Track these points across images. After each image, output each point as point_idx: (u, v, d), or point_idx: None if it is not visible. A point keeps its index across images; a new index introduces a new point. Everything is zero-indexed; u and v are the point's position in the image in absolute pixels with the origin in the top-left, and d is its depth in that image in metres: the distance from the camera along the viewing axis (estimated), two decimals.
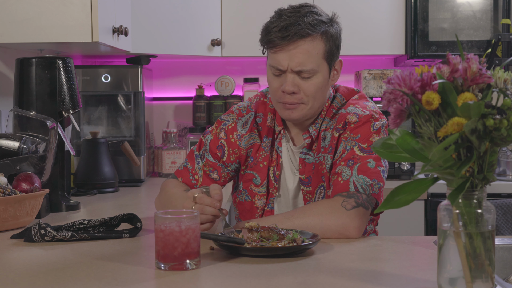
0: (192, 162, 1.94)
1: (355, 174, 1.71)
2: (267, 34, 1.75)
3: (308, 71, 1.73)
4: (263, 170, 1.88)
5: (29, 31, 2.27)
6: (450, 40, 3.30)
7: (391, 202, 1.11)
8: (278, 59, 1.74)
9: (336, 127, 1.81)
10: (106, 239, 1.66)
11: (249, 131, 1.90)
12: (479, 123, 1.03)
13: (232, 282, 1.28)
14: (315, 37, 1.73)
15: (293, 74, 1.74)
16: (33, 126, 2.15)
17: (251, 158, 1.89)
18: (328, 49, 1.76)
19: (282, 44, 1.72)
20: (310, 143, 1.84)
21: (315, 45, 1.73)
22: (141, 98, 3.03)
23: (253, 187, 1.89)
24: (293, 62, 1.72)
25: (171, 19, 3.13)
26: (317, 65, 1.74)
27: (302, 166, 1.84)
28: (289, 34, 1.70)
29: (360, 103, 1.85)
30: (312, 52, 1.73)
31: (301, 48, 1.72)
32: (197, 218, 1.39)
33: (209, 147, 1.92)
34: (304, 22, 1.72)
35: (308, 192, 1.85)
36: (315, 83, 1.75)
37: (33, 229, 1.64)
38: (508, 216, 2.79)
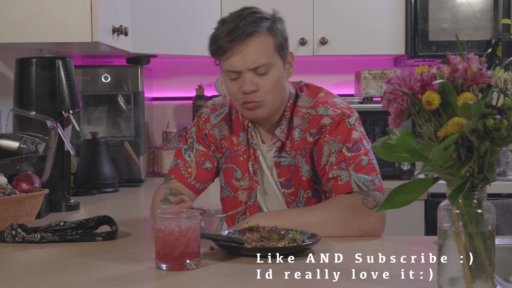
0: (182, 157, 1.96)
1: (353, 174, 1.74)
2: (215, 42, 1.79)
3: (264, 65, 1.76)
4: (243, 163, 1.91)
5: (29, 31, 2.27)
6: (450, 40, 3.30)
7: (391, 202, 1.11)
8: (232, 62, 1.76)
9: (310, 132, 1.83)
10: (77, 242, 1.65)
11: (220, 122, 1.94)
12: (479, 123, 1.03)
13: (232, 282, 1.28)
14: (261, 33, 1.76)
15: (249, 72, 1.76)
16: (33, 126, 2.14)
17: (228, 150, 1.93)
18: (278, 42, 1.80)
19: (232, 47, 1.75)
20: (281, 146, 1.87)
21: (264, 40, 1.77)
22: (141, 98, 3.03)
23: (235, 182, 1.92)
24: (248, 61, 1.75)
25: (171, 19, 3.13)
26: (271, 58, 1.77)
27: (280, 170, 1.88)
28: (236, 35, 1.74)
29: (328, 101, 1.86)
30: (262, 47, 1.76)
31: (251, 46, 1.75)
32: (197, 218, 1.39)
33: (196, 137, 1.96)
34: (248, 22, 1.75)
35: (290, 194, 1.88)
36: (272, 78, 1.78)
37: (6, 230, 1.65)
38: (508, 216, 2.79)
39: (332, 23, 3.36)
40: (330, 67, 3.73)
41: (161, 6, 3.09)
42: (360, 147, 1.78)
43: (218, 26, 1.81)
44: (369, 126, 3.27)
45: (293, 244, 1.48)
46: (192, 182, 1.93)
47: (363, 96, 3.37)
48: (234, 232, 1.59)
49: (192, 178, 1.93)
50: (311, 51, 3.37)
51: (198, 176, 1.93)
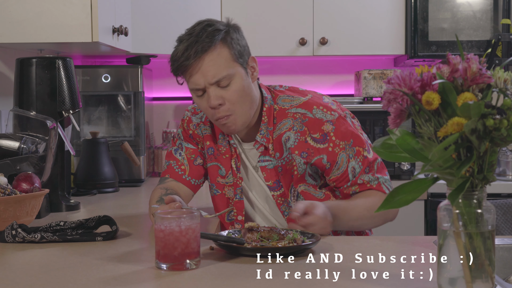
0: (173, 158, 2.00)
1: (380, 177, 1.88)
2: (174, 63, 1.81)
3: (224, 77, 1.77)
4: (226, 161, 1.94)
5: (29, 31, 2.27)
6: (450, 40, 3.30)
7: (391, 202, 1.11)
8: (194, 81, 1.78)
9: (313, 136, 1.85)
10: (77, 242, 1.65)
11: (203, 122, 1.98)
12: (479, 123, 1.03)
13: (232, 282, 1.28)
14: (216, 46, 1.77)
15: (212, 87, 1.77)
16: (33, 126, 2.14)
17: (211, 149, 1.96)
18: (234, 51, 1.79)
19: (189, 65, 1.76)
20: (265, 150, 1.89)
21: (220, 53, 1.77)
22: (141, 98, 3.03)
23: (220, 179, 1.95)
24: (208, 77, 1.76)
25: (171, 19, 3.13)
26: (231, 69, 1.78)
27: (266, 173, 1.90)
28: (190, 53, 1.75)
29: (321, 103, 1.88)
30: (219, 60, 1.77)
31: (208, 61, 1.76)
32: (197, 218, 1.39)
33: (183, 137, 2.01)
34: (201, 38, 1.76)
35: (280, 195, 1.90)
36: (236, 88, 1.79)
37: (6, 230, 1.65)
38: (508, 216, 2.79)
39: (332, 23, 3.36)
40: (330, 67, 3.73)
41: (161, 6, 3.09)
42: (370, 149, 1.89)
43: (176, 46, 1.82)
44: (369, 126, 3.27)
45: (293, 244, 1.48)
46: (187, 178, 1.96)
47: (363, 96, 3.37)
48: (234, 232, 1.59)
49: (187, 175, 1.96)
50: (311, 51, 3.37)
51: (192, 172, 1.97)
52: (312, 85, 3.72)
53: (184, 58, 1.76)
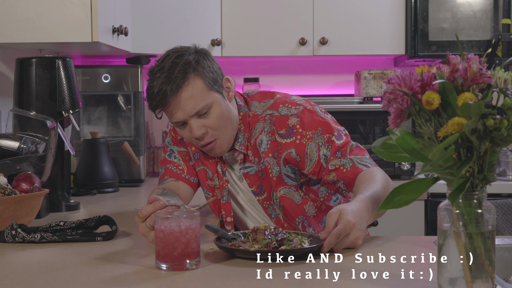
0: (168, 162, 2.00)
1: (354, 158, 1.81)
2: (150, 101, 1.82)
3: (203, 108, 1.79)
4: (212, 164, 1.95)
5: (29, 31, 2.27)
6: (450, 40, 3.30)
7: (391, 202, 1.11)
8: (173, 115, 1.81)
9: (279, 133, 1.85)
10: (77, 242, 1.65)
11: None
12: (479, 123, 1.03)
13: (232, 282, 1.28)
14: (189, 80, 1.77)
15: (193, 118, 1.79)
16: (33, 126, 2.14)
17: (197, 154, 1.97)
18: (208, 80, 1.80)
19: (167, 102, 1.78)
20: (245, 157, 1.91)
21: (194, 86, 1.78)
22: (141, 98, 3.03)
23: (209, 182, 1.97)
24: (186, 111, 1.78)
25: (171, 19, 3.13)
26: (208, 98, 1.79)
27: (249, 179, 1.91)
28: (166, 93, 1.76)
29: (287, 100, 1.90)
30: (195, 93, 1.78)
31: (184, 97, 1.77)
32: (197, 218, 1.39)
33: (173, 142, 2.02)
34: (173, 75, 1.76)
35: (264, 199, 1.92)
36: (216, 115, 1.81)
37: (6, 230, 1.65)
38: (508, 216, 2.79)
39: (332, 23, 3.36)
40: (330, 67, 3.73)
41: (161, 6, 3.09)
42: (342, 134, 1.86)
43: (149, 81, 1.82)
44: (369, 126, 3.27)
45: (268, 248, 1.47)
46: (187, 176, 1.97)
47: (363, 96, 3.37)
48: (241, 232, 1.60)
49: (186, 173, 1.97)
50: (311, 51, 3.37)
51: (190, 171, 1.98)
52: (312, 85, 3.72)
53: (160, 98, 1.77)
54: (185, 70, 1.77)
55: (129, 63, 3.14)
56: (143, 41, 3.00)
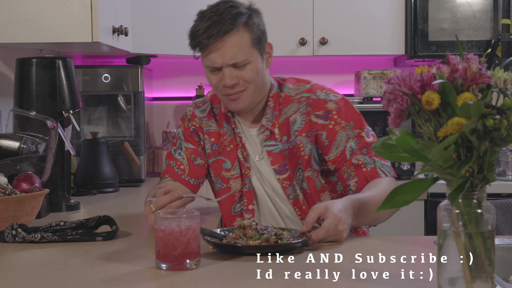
0: (173, 158, 2.01)
1: (378, 160, 1.86)
2: (194, 38, 1.84)
3: (242, 61, 1.82)
4: (230, 153, 1.96)
5: (29, 31, 2.27)
6: (450, 40, 3.30)
7: (391, 202, 1.11)
8: (212, 59, 1.82)
9: (316, 113, 1.90)
10: (77, 242, 1.65)
11: (207, 117, 2.00)
12: (479, 123, 1.03)
13: (232, 282, 1.28)
14: (238, 29, 1.81)
15: (229, 67, 1.82)
16: (33, 126, 2.14)
17: (215, 145, 1.97)
18: (254, 36, 1.84)
19: (210, 44, 1.80)
20: (271, 135, 1.92)
21: (241, 36, 1.81)
22: (141, 98, 3.03)
23: (225, 173, 1.96)
24: (226, 58, 1.81)
25: (171, 19, 3.13)
26: (248, 54, 1.83)
27: (272, 157, 1.92)
28: (213, 33, 1.79)
29: (324, 87, 1.97)
30: (240, 44, 1.81)
31: (229, 43, 1.80)
32: (197, 218, 1.39)
33: (184, 137, 2.01)
34: (224, 19, 1.79)
35: (285, 179, 1.92)
36: (251, 69, 1.84)
37: (6, 230, 1.65)
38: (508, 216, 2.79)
39: (332, 23, 3.36)
40: (330, 67, 3.73)
41: (161, 6, 3.09)
42: (370, 134, 1.91)
43: (197, 20, 1.84)
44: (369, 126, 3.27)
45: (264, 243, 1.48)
46: (186, 178, 1.96)
47: (363, 96, 3.37)
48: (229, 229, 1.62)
49: (186, 174, 1.97)
50: (311, 51, 3.37)
51: (191, 172, 1.97)
52: None
53: (206, 36, 1.79)
54: (236, 18, 1.80)
55: (129, 63, 3.14)
56: (143, 41, 3.00)
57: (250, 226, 1.55)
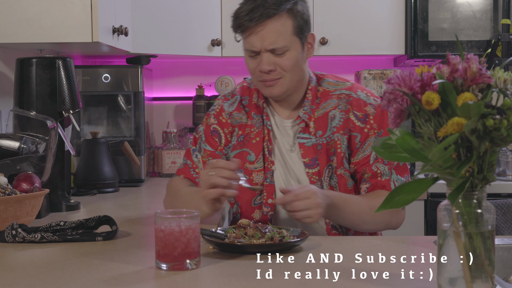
0: (190, 158, 2.01)
1: (394, 174, 1.87)
2: (236, 19, 1.84)
3: (281, 48, 1.81)
4: (256, 145, 1.95)
5: (29, 31, 2.27)
6: (450, 40, 3.30)
7: (391, 202, 1.11)
8: (251, 42, 1.82)
9: (355, 113, 1.90)
10: (77, 242, 1.65)
11: (236, 110, 1.99)
12: (479, 123, 1.03)
13: (232, 282, 1.28)
14: (281, 15, 1.80)
15: (267, 53, 1.82)
16: (33, 126, 2.14)
17: (242, 136, 1.97)
18: (297, 24, 1.83)
19: (251, 26, 1.80)
20: (305, 127, 1.91)
21: (283, 22, 1.80)
22: (141, 98, 3.03)
23: (248, 165, 1.95)
24: (265, 42, 1.80)
25: (171, 19, 3.13)
26: (289, 41, 1.82)
27: (304, 150, 1.91)
28: (255, 16, 1.79)
29: (365, 88, 1.97)
30: (281, 30, 1.80)
31: (270, 28, 1.80)
32: (197, 218, 1.39)
33: (204, 136, 2.01)
34: (268, 3, 1.79)
35: (315, 173, 1.90)
36: (290, 58, 1.83)
37: (6, 230, 1.65)
38: (508, 216, 2.79)
39: (332, 23, 3.36)
40: (330, 67, 3.73)
41: (161, 6, 3.09)
42: None
43: (242, 3, 1.84)
44: None
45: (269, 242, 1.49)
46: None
47: None
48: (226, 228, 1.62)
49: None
50: None
51: None
52: None
53: (248, 18, 1.79)
54: (281, 4, 1.80)
55: (129, 63, 3.14)
56: (143, 41, 3.00)
57: (249, 225, 1.55)
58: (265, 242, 1.49)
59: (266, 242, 1.49)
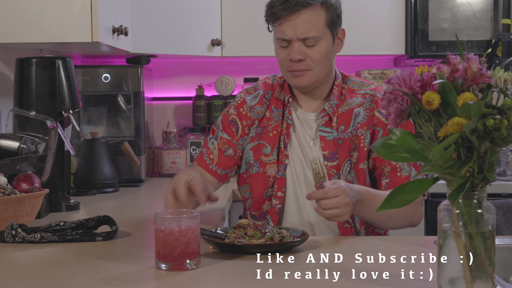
0: (206, 146, 2.04)
1: (413, 170, 1.89)
2: (270, 8, 1.87)
3: (313, 38, 1.84)
4: (272, 139, 1.97)
5: (29, 31, 2.27)
6: (450, 40, 3.30)
7: (391, 202, 1.11)
8: (283, 30, 1.85)
9: (380, 111, 1.92)
10: (77, 242, 1.65)
11: (258, 104, 2.00)
12: (479, 123, 1.03)
13: (232, 282, 1.28)
14: (315, 6, 1.84)
15: (298, 42, 1.85)
16: (33, 126, 2.14)
17: (260, 128, 1.98)
18: (330, 17, 1.87)
19: (285, 15, 1.83)
20: (328, 121, 1.94)
21: (317, 13, 1.84)
22: (141, 98, 3.03)
23: (263, 157, 1.97)
24: (298, 31, 1.83)
25: (171, 19, 3.13)
26: (321, 32, 1.85)
27: (324, 143, 1.93)
28: (290, 5, 1.82)
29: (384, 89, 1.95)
30: (314, 20, 1.83)
31: (303, 17, 1.83)
32: (197, 218, 1.39)
33: (222, 125, 2.03)
34: None
35: (333, 167, 1.92)
36: (320, 50, 1.86)
37: (6, 230, 1.65)
38: (508, 216, 2.79)
39: None
40: None
41: (161, 6, 3.09)
42: None
43: None
44: None
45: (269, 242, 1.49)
46: (214, 168, 1.99)
47: None
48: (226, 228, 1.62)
49: (214, 164, 1.99)
50: None
51: (220, 162, 1.99)
52: None
53: (282, 7, 1.82)
54: None
55: (129, 63, 3.14)
56: (143, 41, 3.00)
57: (249, 225, 1.55)
58: (265, 242, 1.49)
59: (266, 242, 1.49)
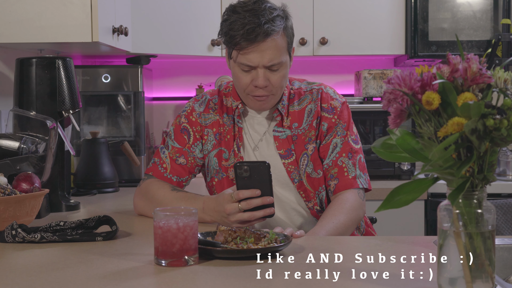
0: (158, 156, 2.05)
1: (358, 171, 1.95)
2: (232, 38, 1.83)
3: (278, 64, 1.86)
4: (228, 143, 2.00)
5: (29, 31, 2.27)
6: (450, 40, 3.30)
7: (391, 202, 1.11)
8: (249, 58, 1.84)
9: (322, 105, 1.99)
10: (77, 242, 1.65)
11: (206, 109, 2.04)
12: (479, 123, 1.03)
13: (232, 282, 1.28)
14: (278, 33, 1.84)
15: (263, 69, 1.86)
16: (33, 126, 2.14)
17: (217, 134, 2.01)
18: (289, 40, 1.90)
19: (250, 45, 1.82)
20: (280, 121, 1.98)
21: (280, 40, 1.85)
22: (141, 98, 3.03)
23: (224, 162, 2.00)
24: (264, 59, 1.84)
25: (171, 19, 3.13)
26: (284, 57, 1.88)
27: (278, 142, 1.98)
28: (256, 35, 1.81)
29: (331, 87, 2.07)
30: (279, 47, 1.85)
31: (269, 45, 1.83)
32: (194, 215, 1.40)
33: (174, 135, 2.05)
34: (266, 21, 1.81)
35: (291, 163, 1.97)
36: (282, 74, 1.89)
37: (6, 230, 1.65)
38: (508, 216, 2.79)
39: (332, 23, 3.36)
40: (330, 67, 3.73)
41: (161, 6, 3.09)
42: (358, 140, 2.01)
43: (232, 18, 1.83)
44: (369, 126, 3.27)
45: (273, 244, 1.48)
46: (169, 176, 2.01)
47: (363, 96, 3.37)
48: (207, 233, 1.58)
49: (168, 172, 2.01)
50: (311, 51, 3.37)
51: (173, 170, 2.01)
52: None
53: (247, 37, 1.80)
54: (276, 21, 1.83)
55: (129, 63, 3.14)
56: (143, 41, 3.00)
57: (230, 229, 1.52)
58: (266, 245, 1.48)
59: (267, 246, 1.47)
